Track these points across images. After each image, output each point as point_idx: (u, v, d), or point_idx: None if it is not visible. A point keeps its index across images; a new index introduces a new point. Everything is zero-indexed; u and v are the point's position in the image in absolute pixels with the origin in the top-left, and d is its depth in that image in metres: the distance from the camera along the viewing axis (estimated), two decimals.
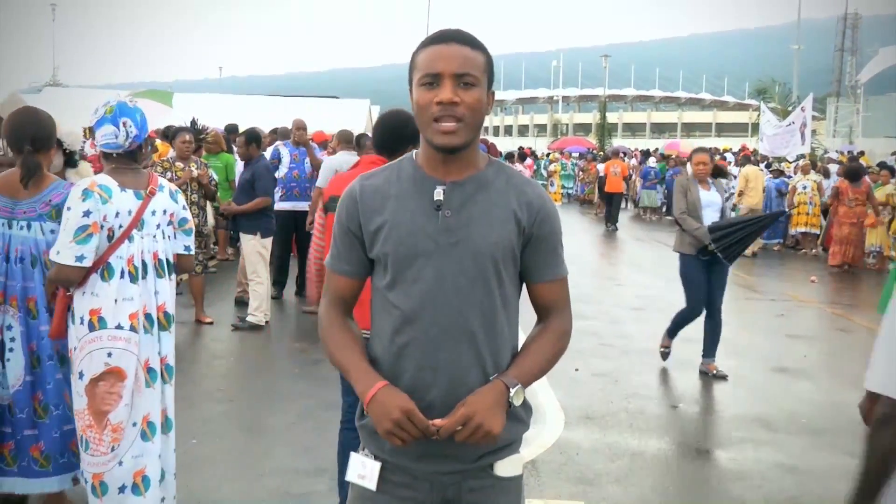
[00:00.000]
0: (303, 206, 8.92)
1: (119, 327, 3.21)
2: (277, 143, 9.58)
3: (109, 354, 3.20)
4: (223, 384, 6.14)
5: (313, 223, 8.24)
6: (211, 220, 8.47)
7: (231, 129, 11.74)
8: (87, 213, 3.13)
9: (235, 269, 9.16)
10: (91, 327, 3.19)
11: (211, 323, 7.78)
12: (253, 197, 7.80)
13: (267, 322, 7.81)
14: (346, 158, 8.26)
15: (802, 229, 14.97)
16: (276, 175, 8.65)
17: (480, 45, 1.88)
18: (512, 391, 1.84)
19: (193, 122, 9.67)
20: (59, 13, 59.75)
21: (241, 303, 8.40)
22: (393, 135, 3.57)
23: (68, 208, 3.16)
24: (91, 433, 3.20)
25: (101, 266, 3.20)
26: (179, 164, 7.70)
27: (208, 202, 8.58)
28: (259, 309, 7.73)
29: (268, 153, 9.41)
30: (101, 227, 3.17)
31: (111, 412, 3.20)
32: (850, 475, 4.73)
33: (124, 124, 3.28)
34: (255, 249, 7.84)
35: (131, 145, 3.33)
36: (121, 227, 3.23)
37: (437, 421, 1.80)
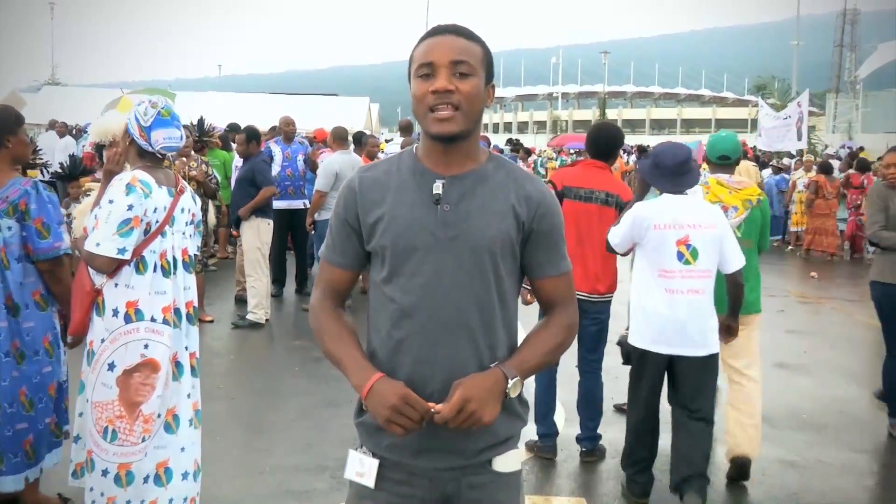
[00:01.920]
0: (297, 204, 8.92)
1: (153, 320, 3.26)
2: (269, 141, 9.57)
3: (146, 346, 3.24)
4: (223, 382, 6.13)
5: (313, 224, 8.31)
6: (212, 218, 8.45)
7: (233, 128, 11.77)
8: (130, 207, 3.18)
9: (234, 267, 9.16)
10: (127, 319, 3.23)
11: (211, 321, 7.78)
12: (252, 192, 7.81)
13: (267, 320, 7.82)
14: (343, 158, 8.25)
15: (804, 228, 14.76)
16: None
17: (477, 38, 1.87)
18: (510, 383, 1.83)
19: (201, 122, 9.62)
20: (57, 12, 59.62)
21: (241, 301, 8.40)
22: (608, 143, 4.61)
23: (110, 201, 3.18)
24: (121, 424, 3.22)
25: (136, 259, 3.24)
26: (179, 163, 7.67)
27: (209, 200, 8.57)
28: (259, 307, 7.72)
29: None
30: (142, 221, 3.22)
31: (144, 403, 3.24)
32: (851, 471, 4.73)
33: (183, 126, 3.38)
34: (254, 247, 7.85)
35: None
36: (157, 222, 3.29)
37: (436, 406, 1.78)
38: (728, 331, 4.15)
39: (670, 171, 3.90)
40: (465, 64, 1.81)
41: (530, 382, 1.90)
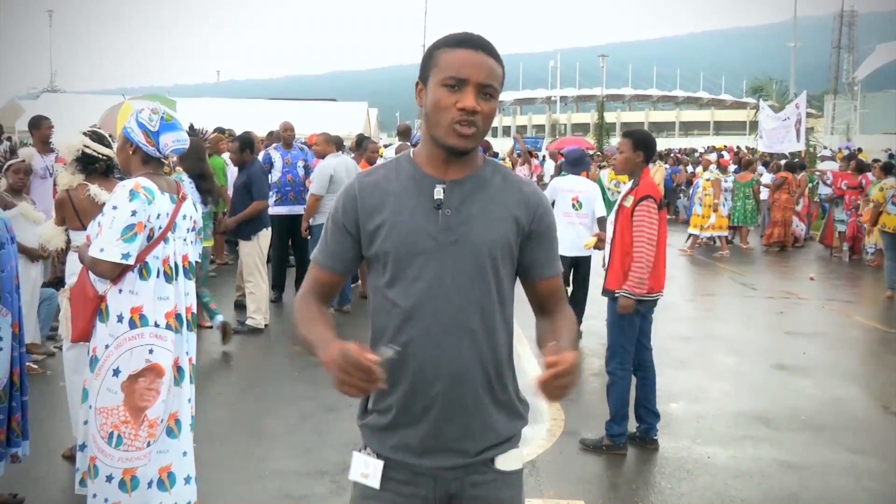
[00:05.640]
0: (298, 209, 8.91)
1: (157, 325, 3.29)
2: (269, 147, 9.55)
3: (151, 351, 3.27)
4: (223, 388, 6.14)
5: (309, 229, 8.31)
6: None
7: (219, 132, 11.66)
8: (133, 213, 3.20)
9: (234, 273, 9.17)
10: (132, 325, 3.27)
11: (210, 327, 7.77)
12: (250, 201, 7.81)
13: (266, 325, 7.82)
14: (337, 161, 8.26)
15: (711, 233, 14.03)
16: (270, 180, 8.66)
17: (500, 57, 1.92)
18: None
19: (191, 127, 9.63)
20: (56, 19, 59.76)
21: (241, 306, 8.40)
22: (651, 148, 5.10)
23: (114, 207, 3.21)
24: (126, 429, 3.25)
25: (139, 265, 3.27)
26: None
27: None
28: (258, 312, 7.73)
29: (259, 157, 9.39)
30: (145, 227, 3.24)
31: (149, 408, 3.27)
32: (850, 471, 4.74)
33: (185, 131, 3.44)
34: (253, 252, 7.85)
35: None
36: (160, 228, 3.32)
37: (550, 358, 1.69)
38: (599, 241, 7.24)
39: (569, 163, 7.85)
40: (492, 87, 1.86)
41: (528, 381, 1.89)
